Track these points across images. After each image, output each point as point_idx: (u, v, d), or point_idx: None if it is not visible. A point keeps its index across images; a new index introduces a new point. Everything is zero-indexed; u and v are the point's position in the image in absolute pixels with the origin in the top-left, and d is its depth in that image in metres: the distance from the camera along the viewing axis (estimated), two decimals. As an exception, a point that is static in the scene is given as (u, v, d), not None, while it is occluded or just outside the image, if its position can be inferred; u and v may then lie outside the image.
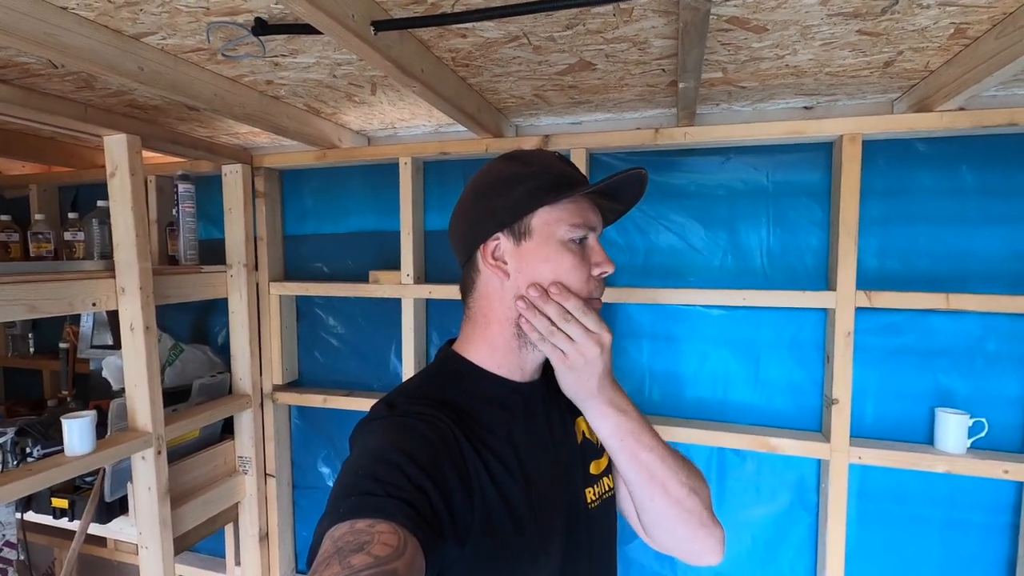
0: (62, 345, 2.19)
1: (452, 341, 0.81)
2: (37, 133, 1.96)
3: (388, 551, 0.48)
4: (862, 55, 1.23)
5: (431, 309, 1.92)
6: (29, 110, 1.38)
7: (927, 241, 1.48)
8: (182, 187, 1.91)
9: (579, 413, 0.79)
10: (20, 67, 1.25)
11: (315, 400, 1.97)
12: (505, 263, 0.73)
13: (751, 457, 1.65)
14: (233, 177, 1.92)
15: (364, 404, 1.90)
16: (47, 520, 1.72)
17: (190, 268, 1.86)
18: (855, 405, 1.52)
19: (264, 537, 2.07)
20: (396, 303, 1.85)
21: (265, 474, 2.07)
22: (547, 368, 0.79)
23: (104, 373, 1.85)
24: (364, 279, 1.89)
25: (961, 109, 1.33)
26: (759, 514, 1.66)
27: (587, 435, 0.82)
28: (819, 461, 1.56)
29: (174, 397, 1.82)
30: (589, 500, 0.77)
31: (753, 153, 1.59)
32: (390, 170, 1.85)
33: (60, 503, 1.66)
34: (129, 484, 1.65)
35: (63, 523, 1.70)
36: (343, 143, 1.90)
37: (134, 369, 1.58)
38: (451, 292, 1.77)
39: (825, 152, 1.54)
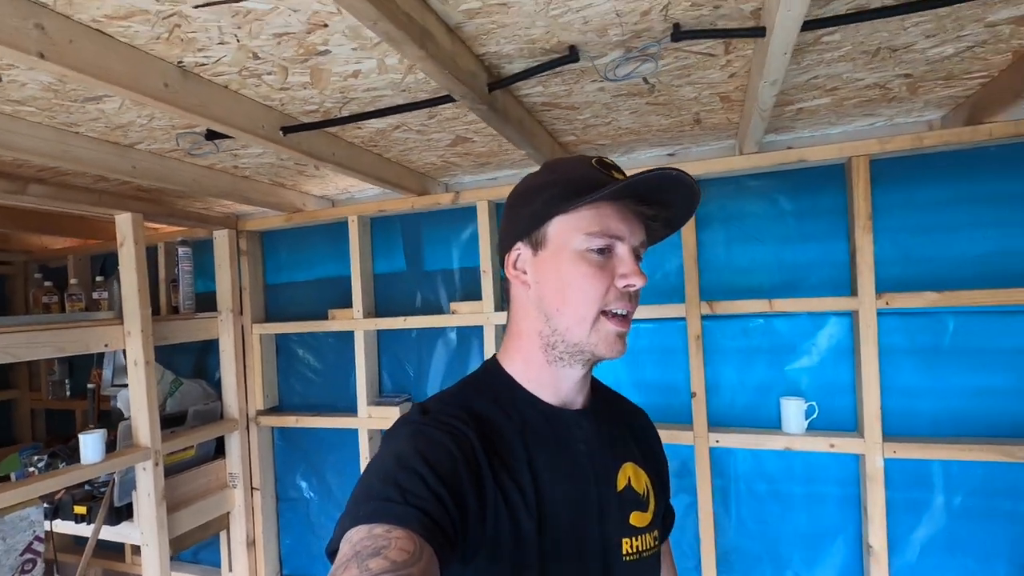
0: (89, 386, 2.63)
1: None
2: (72, 214, 2.47)
3: (405, 556, 0.49)
4: (669, 117, 1.59)
5: (381, 339, 2.29)
6: (60, 201, 1.85)
7: (759, 256, 1.79)
8: (181, 250, 2.38)
9: (628, 459, 0.78)
10: (52, 171, 1.73)
11: (290, 421, 2.35)
12: (525, 273, 0.72)
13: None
14: (221, 240, 2.38)
15: (331, 422, 2.26)
16: (70, 528, 2.10)
17: (186, 315, 2.30)
18: (722, 397, 1.81)
19: (252, 544, 2.41)
20: (350, 335, 2.23)
21: (251, 487, 2.42)
22: (599, 404, 0.79)
23: (119, 404, 2.27)
24: (326, 317, 2.29)
25: (757, 152, 1.68)
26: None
27: (632, 484, 0.77)
28: (690, 448, 1.83)
29: (173, 422, 2.22)
30: (625, 552, 0.72)
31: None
32: (345, 226, 2.27)
33: (80, 509, 2.05)
34: (134, 492, 2.03)
35: (82, 529, 2.08)
36: (307, 207, 2.34)
37: (137, 395, 1.99)
38: (396, 323, 2.15)
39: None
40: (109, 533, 2.09)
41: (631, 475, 0.77)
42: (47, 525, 2.00)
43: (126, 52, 1.02)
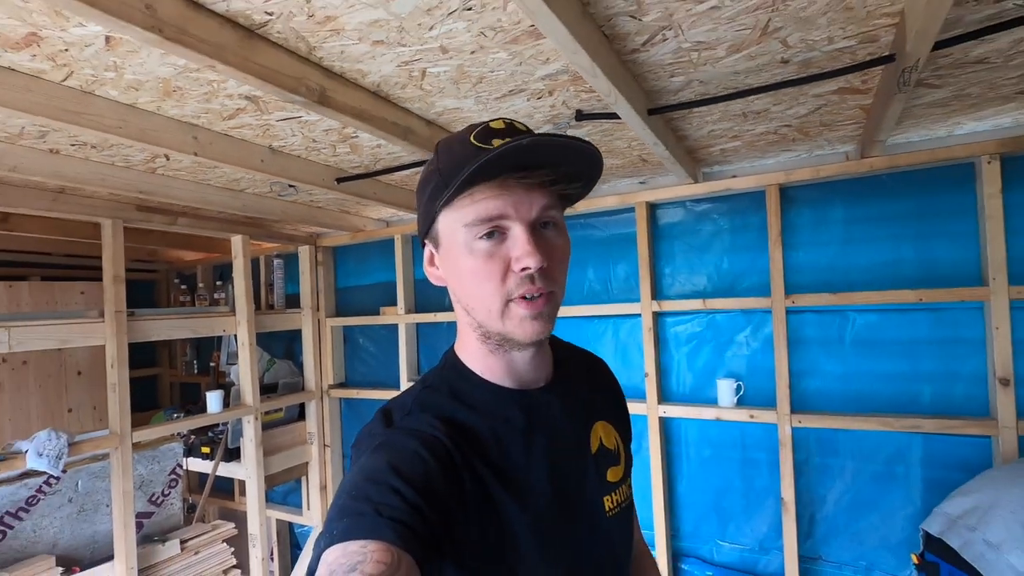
0: (211, 364, 3.48)
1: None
2: (201, 235, 3.32)
3: (382, 568, 0.47)
4: (620, 158, 2.08)
5: (420, 330, 2.92)
6: (196, 228, 2.64)
7: (701, 265, 2.22)
8: (275, 261, 3.15)
9: (596, 419, 0.78)
10: (192, 208, 2.50)
11: (352, 393, 3.03)
12: (437, 269, 0.70)
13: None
14: (304, 254, 3.12)
15: (380, 395, 2.91)
16: (198, 465, 2.89)
17: (278, 311, 3.05)
18: (673, 378, 2.25)
19: (323, 488, 3.11)
20: (396, 327, 2.88)
21: (324, 444, 3.13)
22: (562, 373, 0.77)
23: (231, 377, 3.06)
24: (378, 313, 2.95)
25: (705, 181, 2.12)
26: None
27: (604, 443, 0.77)
28: (645, 417, 2.28)
29: (268, 390, 2.98)
30: (608, 508, 0.74)
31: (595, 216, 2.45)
32: (393, 242, 2.92)
33: (205, 450, 2.83)
34: (241, 439, 2.78)
35: (206, 466, 2.86)
36: (367, 228, 3.02)
37: (243, 368, 2.74)
38: (430, 318, 2.76)
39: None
40: (224, 470, 2.86)
41: (602, 435, 0.78)
42: (183, 461, 2.80)
43: (239, 144, 1.70)
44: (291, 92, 1.19)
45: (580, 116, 1.58)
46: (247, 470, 2.74)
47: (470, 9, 1.05)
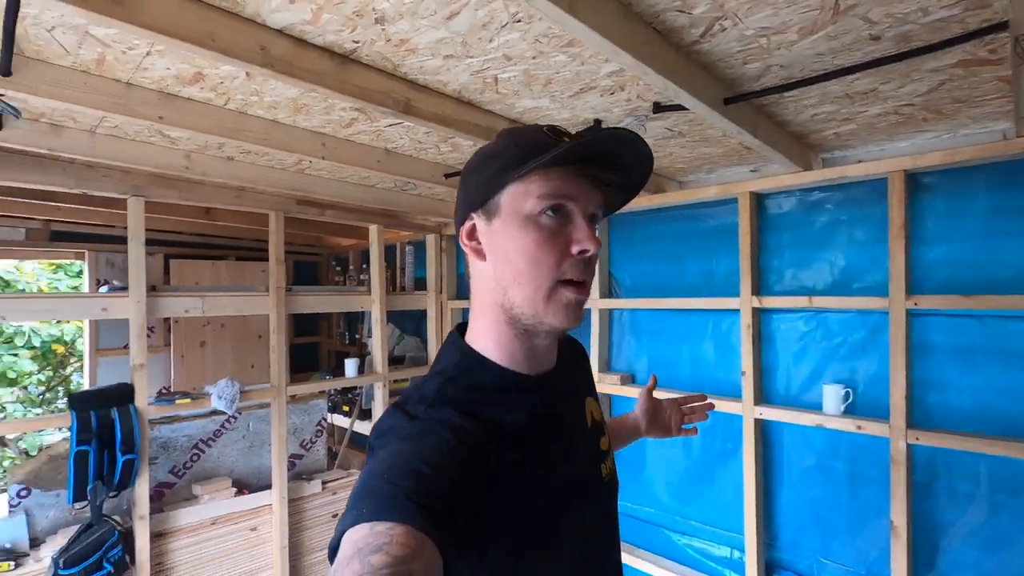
0: (356, 336, 4.02)
1: (462, 326, 0.77)
2: (348, 225, 3.84)
3: (406, 551, 0.49)
4: (717, 147, 2.00)
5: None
6: (340, 218, 3.08)
7: (812, 260, 2.04)
8: (407, 248, 3.53)
9: (586, 394, 0.84)
10: (336, 202, 2.92)
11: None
12: (480, 244, 0.71)
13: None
14: (430, 241, 3.46)
15: (490, 373, 3.14)
16: (339, 420, 3.39)
17: (407, 292, 3.43)
18: (774, 379, 2.12)
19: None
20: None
21: (442, 415, 3.46)
22: (559, 356, 0.79)
23: (369, 347, 3.52)
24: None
25: (824, 167, 1.96)
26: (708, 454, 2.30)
27: (594, 415, 0.83)
28: (740, 417, 2.17)
29: (397, 361, 3.37)
30: (604, 475, 0.79)
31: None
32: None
33: (345, 408, 3.32)
34: (372, 400, 3.20)
35: (344, 422, 3.34)
36: (484, 218, 3.25)
37: (376, 341, 3.15)
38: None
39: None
40: (359, 426, 3.33)
41: (592, 409, 0.83)
42: (328, 416, 3.30)
43: (359, 147, 1.99)
44: (379, 105, 1.39)
45: (658, 108, 1.58)
46: (376, 429, 3.16)
47: (519, 21, 1.15)
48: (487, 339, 0.72)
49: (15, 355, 4.90)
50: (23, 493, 2.26)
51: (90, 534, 2.15)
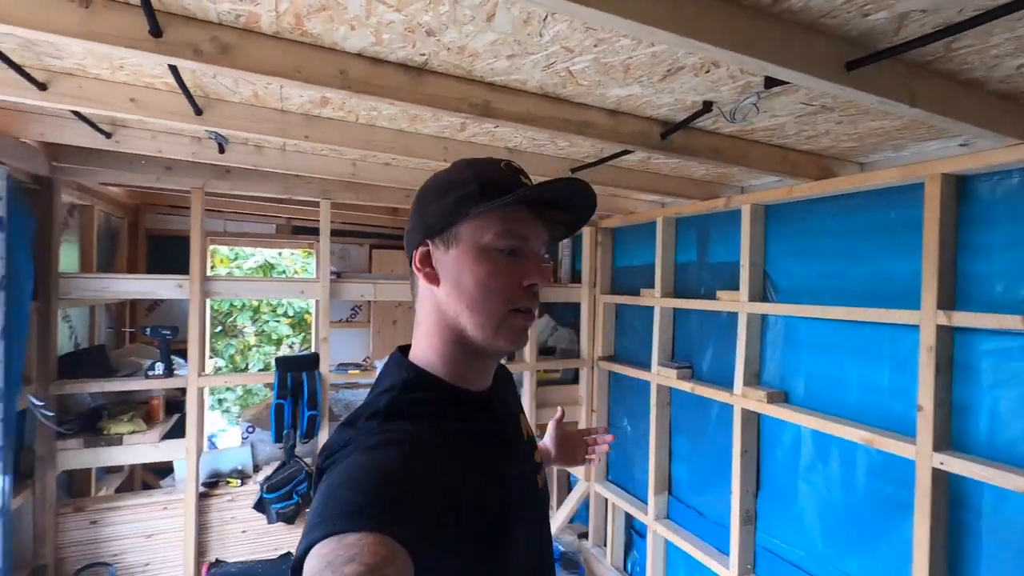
0: (521, 324, 4.21)
1: (405, 349, 0.80)
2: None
3: (379, 559, 0.50)
4: (893, 118, 1.59)
5: (679, 316, 2.85)
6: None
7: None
8: (564, 241, 3.56)
9: (517, 410, 0.89)
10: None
11: (618, 368, 3.21)
12: (434, 270, 0.73)
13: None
14: (586, 234, 3.43)
15: (636, 373, 3.00)
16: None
17: (560, 284, 3.47)
18: (972, 420, 1.61)
19: (588, 448, 3.43)
20: (651, 311, 2.89)
21: (591, 409, 3.43)
22: (496, 374, 0.82)
23: (526, 336, 3.66)
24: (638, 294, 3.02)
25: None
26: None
27: (527, 429, 0.88)
28: (911, 462, 1.67)
29: (548, 352, 3.45)
30: (540, 485, 0.86)
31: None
32: (639, 228, 2.91)
33: (500, 391, 3.52)
34: (521, 388, 3.34)
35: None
36: (639, 210, 3.09)
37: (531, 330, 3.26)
38: (687, 304, 2.68)
39: None
40: (512, 410, 3.50)
41: (524, 423, 0.88)
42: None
43: (479, 148, 2.08)
44: (455, 111, 1.45)
45: (771, 83, 1.32)
46: (526, 412, 3.28)
47: (556, 13, 1.08)
48: (434, 358, 0.75)
49: (278, 321, 6.51)
50: (250, 430, 2.96)
51: (285, 470, 2.72)
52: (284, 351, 6.58)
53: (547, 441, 1.21)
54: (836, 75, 1.13)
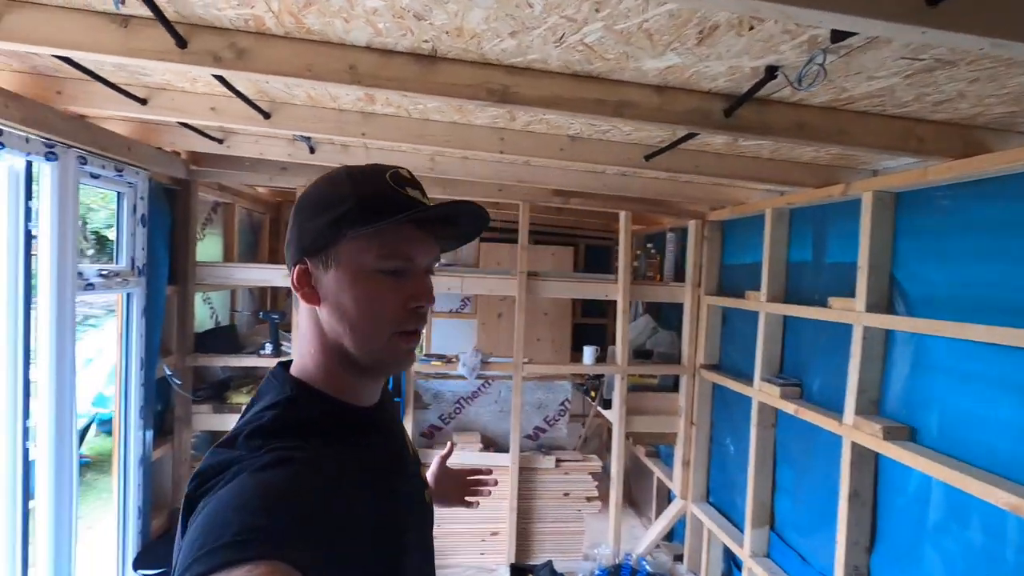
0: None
1: (286, 364, 0.76)
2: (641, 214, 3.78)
3: None
4: None
5: (790, 325, 2.44)
6: (585, 205, 3.07)
7: None
8: (668, 235, 3.26)
9: (403, 428, 0.87)
10: (578, 191, 2.93)
11: (720, 379, 2.86)
12: (313, 289, 0.69)
13: None
14: (692, 228, 3.09)
15: (736, 387, 2.64)
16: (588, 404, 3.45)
17: (656, 282, 3.19)
18: None
19: (686, 463, 3.12)
20: (757, 316, 2.50)
21: (691, 422, 3.11)
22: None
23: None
24: (743, 296, 2.63)
25: None
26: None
27: (412, 448, 0.86)
28: None
29: (644, 355, 3.19)
30: (427, 499, 0.86)
31: None
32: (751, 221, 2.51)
33: (592, 393, 3.35)
34: (612, 392, 3.14)
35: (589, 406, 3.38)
36: (750, 200, 2.70)
37: (618, 331, 3.06)
38: (802, 311, 2.27)
39: None
40: (604, 415, 3.32)
41: (408, 439, 0.86)
42: (571, 396, 3.41)
43: (538, 137, 1.96)
44: (470, 99, 1.36)
45: (838, 36, 1.02)
46: (613, 419, 3.09)
47: (529, -24, 0.94)
48: (319, 373, 0.71)
49: None
50: (348, 410, 3.19)
51: (371, 451, 2.88)
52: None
53: (427, 475, 1.12)
54: (911, 14, 0.82)
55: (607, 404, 3.22)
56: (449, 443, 1.24)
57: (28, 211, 1.95)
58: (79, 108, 1.86)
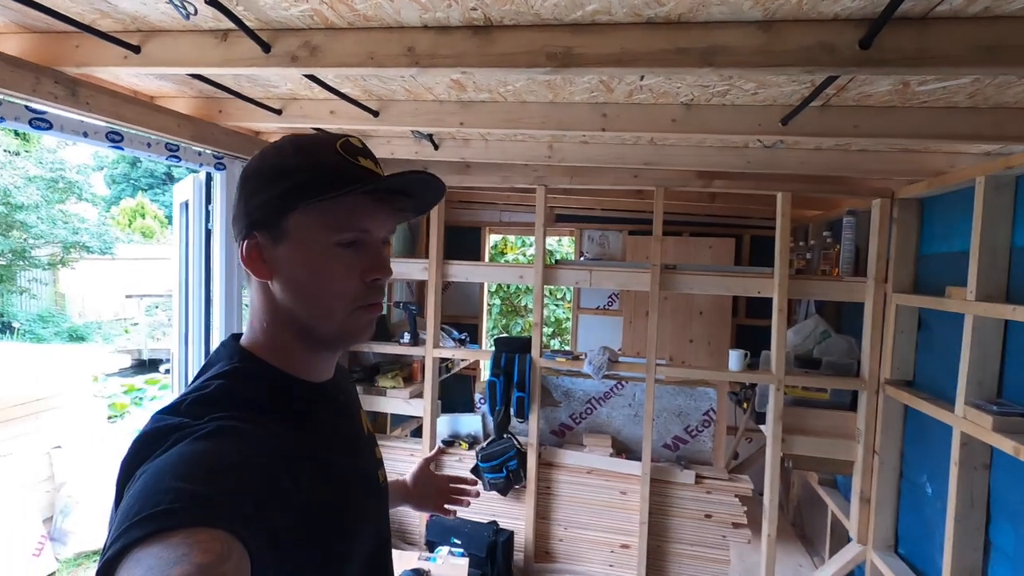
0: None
1: (237, 336, 0.74)
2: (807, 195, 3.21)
3: (212, 557, 0.44)
4: None
5: (1013, 330, 1.79)
6: (730, 187, 2.66)
7: None
8: (845, 220, 2.67)
9: (358, 406, 0.84)
10: (721, 172, 2.55)
11: (912, 400, 2.24)
12: (265, 263, 0.67)
13: None
14: (875, 209, 2.49)
15: (930, 410, 2.04)
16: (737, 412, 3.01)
17: (827, 277, 2.63)
18: None
19: (866, 500, 2.51)
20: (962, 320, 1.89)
21: (873, 450, 2.50)
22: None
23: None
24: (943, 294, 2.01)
25: None
26: None
27: (367, 425, 0.84)
28: None
29: (810, 364, 2.66)
30: (381, 480, 0.82)
31: None
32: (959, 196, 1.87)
33: (744, 404, 2.91)
34: (766, 404, 2.68)
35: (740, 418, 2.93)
36: (955, 167, 2.07)
37: (776, 334, 2.60)
38: (1010, 312, 1.67)
39: None
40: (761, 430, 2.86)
41: (364, 418, 0.83)
42: (716, 405, 2.99)
43: (644, 109, 1.75)
44: (528, 67, 1.24)
45: None
46: (767, 437, 2.64)
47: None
48: (268, 346, 0.70)
49: (557, 305, 7.11)
50: (481, 401, 3.25)
51: (496, 444, 2.89)
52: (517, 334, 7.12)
53: (408, 477, 1.10)
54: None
55: (760, 418, 2.77)
56: (437, 447, 1.27)
57: (207, 213, 2.34)
58: (237, 123, 2.17)
